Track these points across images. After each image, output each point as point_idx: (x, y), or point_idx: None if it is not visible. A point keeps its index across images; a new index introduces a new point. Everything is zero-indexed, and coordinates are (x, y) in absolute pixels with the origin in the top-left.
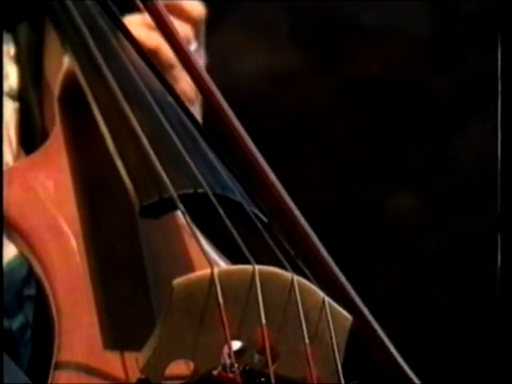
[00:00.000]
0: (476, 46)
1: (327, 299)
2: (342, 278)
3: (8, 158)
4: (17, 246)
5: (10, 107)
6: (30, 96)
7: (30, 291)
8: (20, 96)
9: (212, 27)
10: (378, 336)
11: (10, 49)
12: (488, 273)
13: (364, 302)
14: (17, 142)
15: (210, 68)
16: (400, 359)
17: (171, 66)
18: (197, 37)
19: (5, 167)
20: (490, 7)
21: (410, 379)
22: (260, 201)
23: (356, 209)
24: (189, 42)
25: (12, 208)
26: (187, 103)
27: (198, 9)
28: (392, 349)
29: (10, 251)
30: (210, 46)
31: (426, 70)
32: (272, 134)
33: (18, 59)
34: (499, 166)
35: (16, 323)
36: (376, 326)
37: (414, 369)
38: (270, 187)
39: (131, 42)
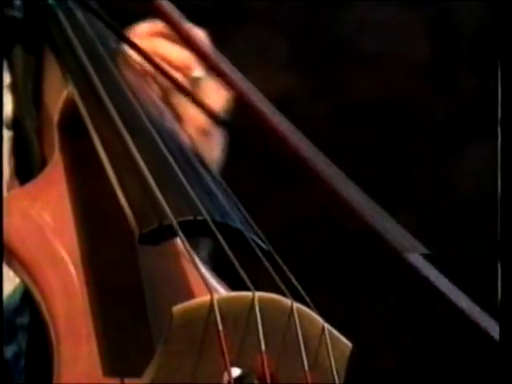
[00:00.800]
0: (474, 70)
1: (327, 326)
2: None
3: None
4: (16, 273)
5: (4, 137)
6: (27, 124)
7: (23, 320)
8: (15, 125)
9: None
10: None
11: (5, 76)
12: (488, 297)
13: (362, 324)
14: (10, 171)
15: None
16: None
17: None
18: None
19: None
20: (489, 31)
21: None
22: (259, 228)
23: (354, 231)
24: (189, 69)
25: (12, 236)
26: (202, 135)
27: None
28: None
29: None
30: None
31: (425, 94)
32: (269, 157)
33: (14, 87)
34: (499, 190)
35: (9, 352)
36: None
37: None
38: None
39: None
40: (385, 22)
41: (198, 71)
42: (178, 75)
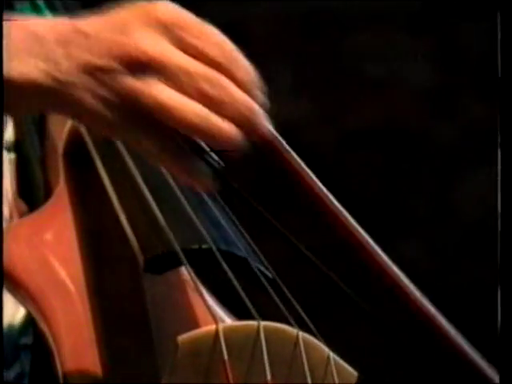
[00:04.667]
0: (478, 95)
1: (332, 355)
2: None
3: (4, 210)
4: (21, 302)
5: (5, 159)
6: (28, 147)
7: (27, 340)
8: (16, 147)
9: None
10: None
11: None
12: (493, 324)
13: (366, 349)
14: (13, 193)
15: None
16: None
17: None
18: None
19: (9, 223)
20: (492, 56)
21: None
22: (264, 257)
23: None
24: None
25: (17, 266)
26: None
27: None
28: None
29: (7, 308)
30: None
31: (428, 120)
32: (274, 184)
33: None
34: (499, 219)
35: (12, 373)
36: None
37: None
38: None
39: None
40: (388, 48)
41: None
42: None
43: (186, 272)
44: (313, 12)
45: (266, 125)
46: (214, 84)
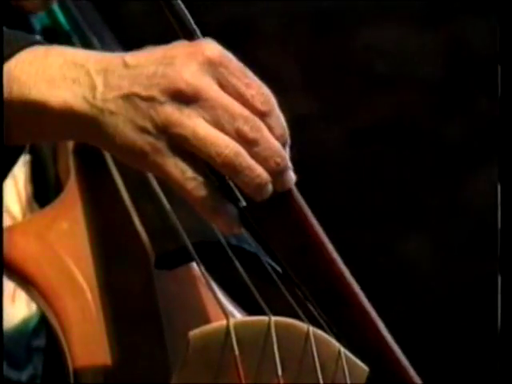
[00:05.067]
0: (489, 91)
1: (343, 350)
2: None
3: (17, 211)
4: (32, 298)
5: (20, 161)
6: (43, 148)
7: (40, 342)
8: (32, 148)
9: None
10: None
11: None
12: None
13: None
14: (27, 195)
15: None
16: None
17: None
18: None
19: (19, 221)
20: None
21: None
22: (273, 253)
23: (368, 253)
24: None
25: (28, 262)
26: None
27: (283, 125)
28: None
29: (21, 305)
30: None
31: (439, 116)
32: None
33: None
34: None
35: (25, 375)
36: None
37: None
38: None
39: None
40: (398, 44)
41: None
42: None
43: (196, 268)
44: (322, 8)
45: (292, 178)
46: (253, 127)
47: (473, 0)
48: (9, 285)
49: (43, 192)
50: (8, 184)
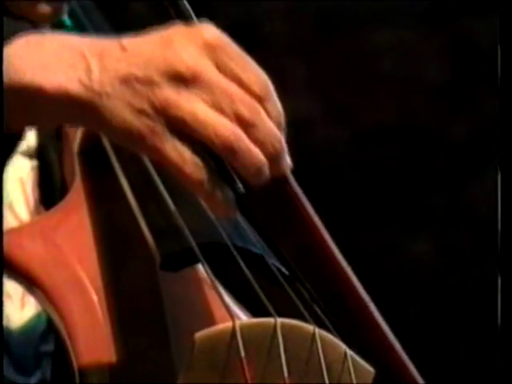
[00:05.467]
0: (493, 92)
1: (349, 352)
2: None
3: (25, 216)
4: (38, 300)
5: (28, 166)
6: (50, 153)
7: (48, 347)
8: (39, 154)
9: None
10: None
11: None
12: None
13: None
14: (34, 199)
15: None
16: None
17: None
18: None
19: (25, 223)
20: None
21: None
22: (280, 254)
23: (374, 255)
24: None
25: (34, 263)
26: None
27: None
28: None
29: (30, 310)
30: None
31: (443, 117)
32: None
33: None
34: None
35: (33, 380)
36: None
37: None
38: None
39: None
40: (403, 45)
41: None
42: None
43: (202, 269)
44: (327, 9)
45: (288, 162)
46: (251, 110)
47: (479, 1)
48: (18, 290)
49: (50, 196)
50: (16, 189)
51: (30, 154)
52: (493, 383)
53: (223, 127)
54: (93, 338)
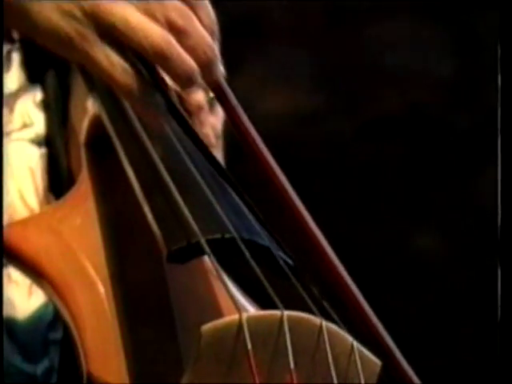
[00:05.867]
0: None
1: (356, 344)
2: (374, 319)
3: (34, 204)
4: (45, 291)
5: (37, 154)
6: (57, 141)
7: (56, 335)
8: (47, 142)
9: (236, 69)
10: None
11: (35, 96)
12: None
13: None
14: (43, 187)
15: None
16: None
17: (199, 109)
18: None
19: (32, 213)
20: None
21: None
22: (286, 245)
23: (379, 247)
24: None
25: (40, 255)
26: (217, 141)
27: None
28: None
29: (37, 299)
30: (234, 88)
31: (449, 108)
32: (295, 174)
33: (47, 105)
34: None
35: (41, 368)
36: (407, 367)
37: None
38: (301, 223)
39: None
40: (409, 38)
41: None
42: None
43: (208, 261)
44: (333, 1)
45: (221, 70)
46: (183, 15)
47: None
48: (23, 280)
49: (58, 184)
50: (26, 178)
51: (38, 142)
52: (497, 370)
53: (155, 34)
54: (99, 331)
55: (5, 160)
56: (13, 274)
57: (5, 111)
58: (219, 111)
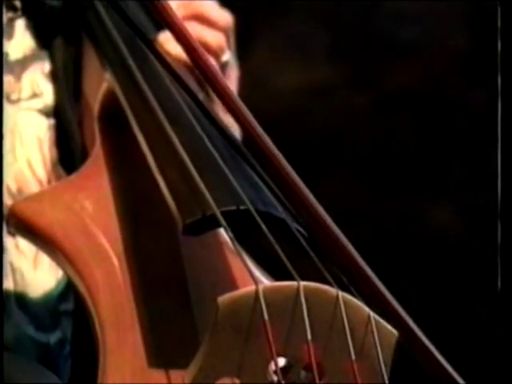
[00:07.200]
0: None
1: (373, 314)
2: (388, 294)
3: (42, 175)
4: (60, 265)
5: (45, 124)
6: (68, 113)
7: (67, 306)
8: (56, 113)
9: (250, 44)
10: (427, 349)
11: (44, 66)
12: None
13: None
14: (51, 159)
15: (248, 84)
16: (450, 370)
17: None
18: (229, 46)
19: (45, 187)
20: None
21: None
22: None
23: (396, 222)
24: (222, 51)
25: (55, 228)
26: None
27: (225, 17)
28: (443, 362)
29: (43, 272)
30: (248, 63)
31: (464, 83)
32: (311, 148)
33: (55, 76)
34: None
35: (53, 338)
36: (424, 339)
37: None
38: (305, 204)
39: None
40: (423, 12)
41: (227, 55)
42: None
43: (224, 233)
44: None
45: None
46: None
47: None
48: (32, 249)
49: (68, 157)
50: (34, 147)
51: (46, 112)
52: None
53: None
54: (115, 305)
55: (9, 129)
56: (20, 243)
57: (10, 79)
58: (231, 75)
